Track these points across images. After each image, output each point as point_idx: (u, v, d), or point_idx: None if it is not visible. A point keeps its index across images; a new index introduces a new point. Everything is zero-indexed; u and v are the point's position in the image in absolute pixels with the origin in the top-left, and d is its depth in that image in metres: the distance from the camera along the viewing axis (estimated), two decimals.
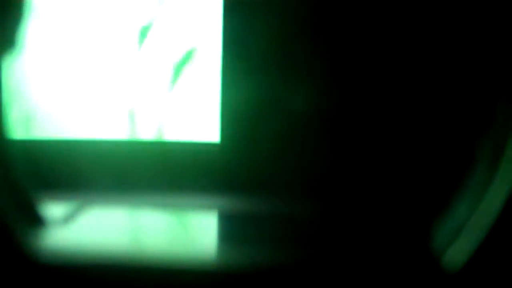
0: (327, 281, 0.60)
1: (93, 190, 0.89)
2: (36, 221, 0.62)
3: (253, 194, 0.96)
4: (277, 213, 0.86)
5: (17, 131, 0.73)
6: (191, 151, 1.02)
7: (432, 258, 0.63)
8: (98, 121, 1.01)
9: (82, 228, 0.69)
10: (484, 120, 0.72)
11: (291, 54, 0.98)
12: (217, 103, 1.02)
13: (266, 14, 0.98)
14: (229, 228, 0.78)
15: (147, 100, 1.03)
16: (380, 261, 0.65)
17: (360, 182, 0.96)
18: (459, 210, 0.67)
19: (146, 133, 1.03)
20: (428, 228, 0.71)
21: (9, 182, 0.60)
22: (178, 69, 1.02)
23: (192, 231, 0.79)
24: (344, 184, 0.97)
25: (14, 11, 0.71)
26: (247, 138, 1.01)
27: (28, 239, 0.57)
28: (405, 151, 0.96)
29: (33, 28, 0.91)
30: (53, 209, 0.71)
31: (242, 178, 1.00)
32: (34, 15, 0.86)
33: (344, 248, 0.70)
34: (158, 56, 1.02)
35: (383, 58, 0.96)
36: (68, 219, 0.71)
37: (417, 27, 0.94)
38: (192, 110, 1.04)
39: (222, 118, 1.01)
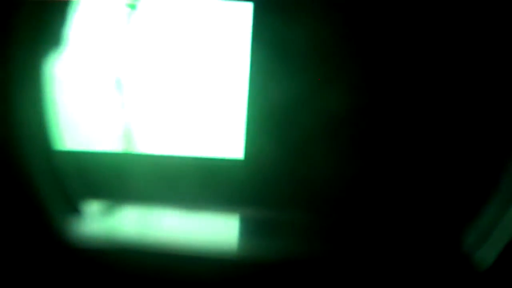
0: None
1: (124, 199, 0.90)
2: (74, 211, 0.65)
3: (275, 208, 0.95)
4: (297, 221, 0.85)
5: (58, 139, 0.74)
6: (215, 167, 1.01)
7: (463, 257, 0.62)
8: (131, 135, 1.01)
9: (116, 220, 0.72)
10: None
11: (321, 71, 0.98)
12: (243, 120, 1.01)
13: (296, 35, 0.99)
14: (250, 226, 0.79)
15: (172, 115, 1.03)
16: (411, 260, 0.63)
17: (390, 186, 0.94)
18: (490, 211, 0.66)
19: (170, 147, 1.03)
20: (459, 229, 0.69)
21: (52, 174, 0.62)
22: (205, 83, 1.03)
23: (214, 226, 0.80)
24: (373, 191, 0.94)
25: (58, 14, 0.73)
26: (271, 155, 1.00)
27: (65, 226, 0.60)
28: (437, 153, 0.94)
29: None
30: (90, 205, 0.74)
31: (264, 194, 0.98)
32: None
33: (375, 246, 0.70)
34: (184, 68, 1.03)
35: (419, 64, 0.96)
36: (103, 214, 0.73)
37: (453, 32, 0.94)
38: (217, 126, 1.04)
39: (247, 135, 1.01)
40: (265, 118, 1.01)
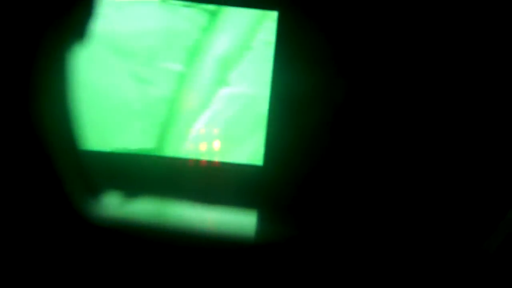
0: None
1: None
2: (94, 197, 0.67)
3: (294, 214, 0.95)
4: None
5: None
6: (234, 172, 1.02)
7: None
8: (149, 135, 1.03)
9: (133, 207, 0.73)
10: None
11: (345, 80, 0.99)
12: (263, 126, 1.02)
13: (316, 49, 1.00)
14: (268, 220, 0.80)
15: (196, 118, 1.04)
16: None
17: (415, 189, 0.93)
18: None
19: (192, 151, 1.04)
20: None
21: (75, 160, 0.64)
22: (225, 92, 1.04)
23: (231, 217, 0.81)
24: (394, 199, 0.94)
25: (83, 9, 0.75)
26: (290, 163, 1.00)
27: (86, 205, 0.61)
28: (463, 154, 0.93)
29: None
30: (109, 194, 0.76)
31: (283, 201, 0.99)
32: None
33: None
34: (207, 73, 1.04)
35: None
36: (122, 201, 0.75)
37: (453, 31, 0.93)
38: (238, 131, 1.04)
39: (267, 141, 1.02)
40: (286, 125, 1.01)
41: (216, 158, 1.04)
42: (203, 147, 1.04)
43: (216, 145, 1.04)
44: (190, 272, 0.65)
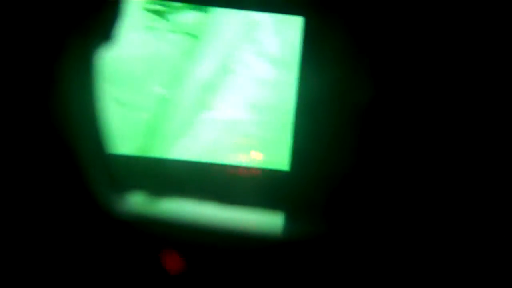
0: None
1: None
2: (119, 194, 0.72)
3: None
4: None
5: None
6: (260, 177, 1.03)
7: None
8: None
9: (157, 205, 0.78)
10: None
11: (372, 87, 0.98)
12: (289, 131, 1.02)
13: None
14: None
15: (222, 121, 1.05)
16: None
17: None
18: None
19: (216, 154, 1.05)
20: None
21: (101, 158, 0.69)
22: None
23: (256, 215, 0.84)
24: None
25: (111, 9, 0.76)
26: (317, 168, 1.00)
27: (111, 201, 0.69)
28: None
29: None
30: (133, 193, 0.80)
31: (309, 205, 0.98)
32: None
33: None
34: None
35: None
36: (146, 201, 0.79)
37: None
38: (264, 136, 1.05)
39: (294, 147, 1.02)
40: (312, 131, 1.01)
41: (243, 162, 1.05)
42: (228, 150, 1.05)
43: (243, 149, 1.05)
44: (207, 269, 0.68)
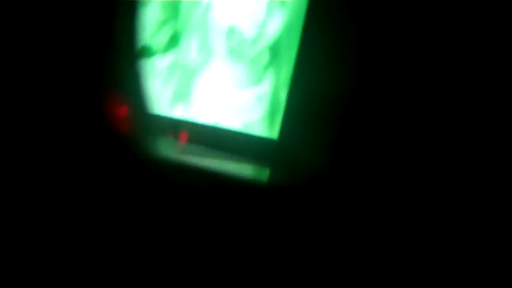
0: None
1: None
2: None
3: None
4: None
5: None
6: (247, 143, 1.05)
7: None
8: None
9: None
10: None
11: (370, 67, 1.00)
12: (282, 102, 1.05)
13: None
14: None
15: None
16: None
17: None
18: None
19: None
20: None
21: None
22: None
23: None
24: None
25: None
26: (305, 140, 1.02)
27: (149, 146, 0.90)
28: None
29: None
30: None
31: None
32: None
33: None
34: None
35: None
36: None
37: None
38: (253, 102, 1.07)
39: (285, 117, 1.04)
40: (305, 105, 1.03)
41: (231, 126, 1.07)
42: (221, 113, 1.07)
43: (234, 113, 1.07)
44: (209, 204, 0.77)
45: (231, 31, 1.07)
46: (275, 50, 1.07)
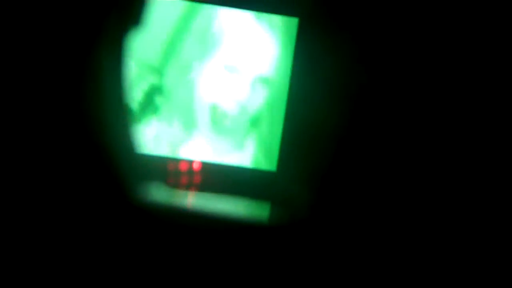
0: None
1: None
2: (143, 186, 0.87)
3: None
4: None
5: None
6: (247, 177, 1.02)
7: None
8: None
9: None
10: None
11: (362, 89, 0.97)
12: (278, 132, 1.02)
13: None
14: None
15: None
16: None
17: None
18: None
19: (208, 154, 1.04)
20: None
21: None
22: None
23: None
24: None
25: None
26: (304, 170, 0.99)
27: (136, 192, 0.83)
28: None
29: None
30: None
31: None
32: None
33: None
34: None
35: None
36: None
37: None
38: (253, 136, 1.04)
39: (281, 148, 1.01)
40: (301, 134, 1.01)
41: (229, 162, 1.04)
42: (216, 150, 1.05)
43: (230, 149, 1.04)
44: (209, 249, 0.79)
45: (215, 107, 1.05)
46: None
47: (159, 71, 1.03)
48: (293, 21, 1.02)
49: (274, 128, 1.03)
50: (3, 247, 0.74)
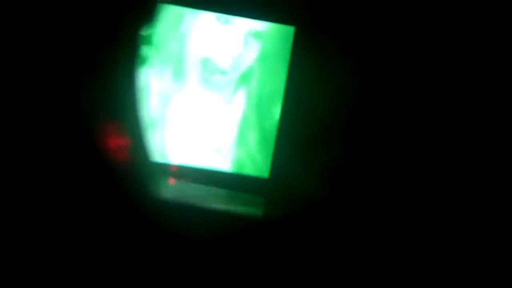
0: None
1: None
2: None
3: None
4: None
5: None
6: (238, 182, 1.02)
7: None
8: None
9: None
10: None
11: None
12: (271, 140, 1.02)
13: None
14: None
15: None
16: None
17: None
18: None
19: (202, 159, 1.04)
20: None
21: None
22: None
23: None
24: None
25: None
26: (296, 177, 0.99)
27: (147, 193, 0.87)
28: None
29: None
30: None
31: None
32: None
33: None
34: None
35: None
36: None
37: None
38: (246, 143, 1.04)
39: (275, 155, 1.01)
40: (295, 141, 1.01)
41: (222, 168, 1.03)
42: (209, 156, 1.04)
43: (222, 154, 1.04)
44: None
45: (206, 62, 1.04)
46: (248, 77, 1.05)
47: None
48: (289, 30, 1.02)
49: (268, 136, 1.03)
50: (13, 247, 0.74)
